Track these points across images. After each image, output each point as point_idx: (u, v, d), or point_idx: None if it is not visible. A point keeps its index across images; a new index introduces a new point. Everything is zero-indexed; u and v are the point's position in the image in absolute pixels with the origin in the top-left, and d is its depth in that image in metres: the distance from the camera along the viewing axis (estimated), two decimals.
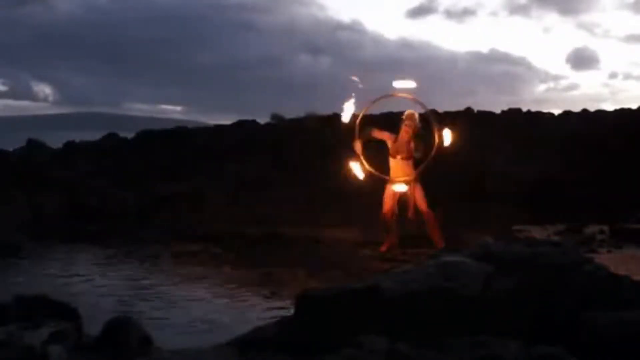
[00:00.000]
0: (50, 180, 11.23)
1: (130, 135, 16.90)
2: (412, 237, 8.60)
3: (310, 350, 3.16)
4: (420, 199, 7.95)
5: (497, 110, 16.63)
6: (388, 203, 8.01)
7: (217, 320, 5.25)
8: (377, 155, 8.36)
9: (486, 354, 2.72)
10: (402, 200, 8.10)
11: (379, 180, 8.13)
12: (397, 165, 8.03)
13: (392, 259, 7.33)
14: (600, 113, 16.31)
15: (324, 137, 13.65)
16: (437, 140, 7.86)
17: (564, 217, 10.39)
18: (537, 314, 3.16)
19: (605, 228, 9.52)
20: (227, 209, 11.35)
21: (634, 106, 15.45)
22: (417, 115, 8.04)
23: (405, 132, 7.93)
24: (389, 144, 8.07)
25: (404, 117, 8.03)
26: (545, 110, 16.81)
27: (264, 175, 13.24)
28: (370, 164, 8.04)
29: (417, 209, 7.98)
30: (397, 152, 8.01)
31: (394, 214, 8.05)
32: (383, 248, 8.00)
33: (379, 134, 8.11)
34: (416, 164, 8.01)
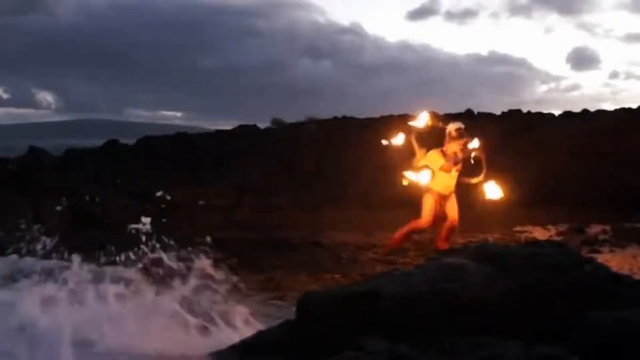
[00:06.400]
0: (52, 188, 11.23)
1: (131, 141, 16.93)
2: (412, 240, 8.60)
3: (312, 353, 3.17)
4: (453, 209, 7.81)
5: (498, 112, 16.65)
6: (430, 215, 7.69)
7: (220, 325, 5.25)
8: None
9: (487, 354, 2.72)
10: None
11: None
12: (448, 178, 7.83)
13: (393, 262, 7.32)
14: (601, 113, 16.30)
15: (325, 141, 13.68)
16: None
17: (566, 217, 10.39)
18: (537, 314, 3.16)
19: (608, 228, 9.52)
20: (228, 213, 11.35)
21: (634, 106, 15.46)
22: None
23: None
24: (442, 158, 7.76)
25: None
26: (545, 111, 16.85)
27: (265, 180, 13.26)
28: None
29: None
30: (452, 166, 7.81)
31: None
32: (385, 250, 7.95)
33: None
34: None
